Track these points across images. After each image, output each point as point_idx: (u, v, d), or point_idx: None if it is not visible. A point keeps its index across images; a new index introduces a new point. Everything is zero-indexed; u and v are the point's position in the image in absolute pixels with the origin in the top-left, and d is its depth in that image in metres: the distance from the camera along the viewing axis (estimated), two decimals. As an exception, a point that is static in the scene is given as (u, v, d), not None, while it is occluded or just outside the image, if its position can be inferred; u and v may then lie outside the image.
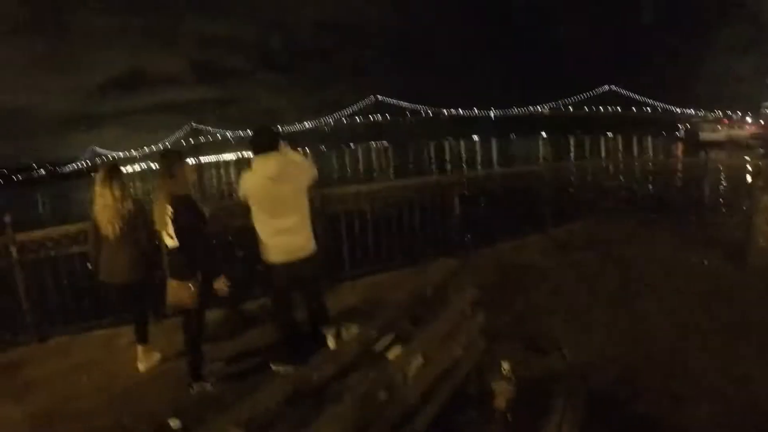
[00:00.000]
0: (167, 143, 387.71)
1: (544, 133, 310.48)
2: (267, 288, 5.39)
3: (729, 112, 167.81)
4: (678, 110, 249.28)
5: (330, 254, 7.45)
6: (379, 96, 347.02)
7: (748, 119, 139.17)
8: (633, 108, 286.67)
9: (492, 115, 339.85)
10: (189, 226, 4.56)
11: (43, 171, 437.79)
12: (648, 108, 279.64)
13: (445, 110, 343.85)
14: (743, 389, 4.15)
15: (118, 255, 5.14)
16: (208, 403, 4.55)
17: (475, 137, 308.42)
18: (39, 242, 6.34)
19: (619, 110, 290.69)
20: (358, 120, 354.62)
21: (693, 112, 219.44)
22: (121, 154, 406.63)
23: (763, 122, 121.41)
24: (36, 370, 5.60)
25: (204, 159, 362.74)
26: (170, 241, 4.63)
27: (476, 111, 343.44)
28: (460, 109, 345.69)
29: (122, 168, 5.52)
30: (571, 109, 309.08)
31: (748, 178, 10.70)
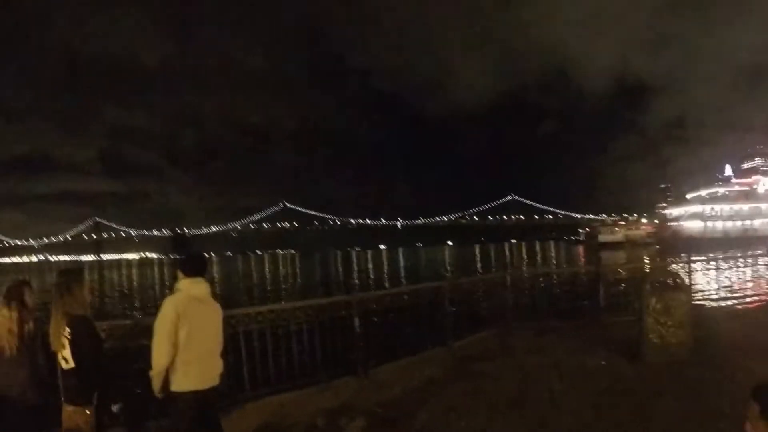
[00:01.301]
0: (68, 236, 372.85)
1: (449, 242, 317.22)
2: (170, 412, 4.87)
3: (626, 215, 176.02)
4: (578, 215, 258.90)
5: (230, 375, 7.12)
6: (287, 203, 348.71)
7: (644, 220, 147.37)
8: (535, 215, 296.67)
9: (398, 224, 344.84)
10: (87, 348, 4.39)
11: None
12: (549, 215, 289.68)
13: (352, 219, 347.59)
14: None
15: (13, 372, 4.82)
16: None
17: (382, 246, 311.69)
18: None
19: (522, 218, 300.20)
20: (266, 226, 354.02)
21: (592, 216, 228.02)
22: (18, 242, 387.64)
23: (657, 222, 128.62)
24: None
25: (106, 257, 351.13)
26: (65, 363, 4.43)
27: (383, 221, 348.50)
28: (367, 219, 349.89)
29: (28, 285, 5.15)
30: (476, 218, 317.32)
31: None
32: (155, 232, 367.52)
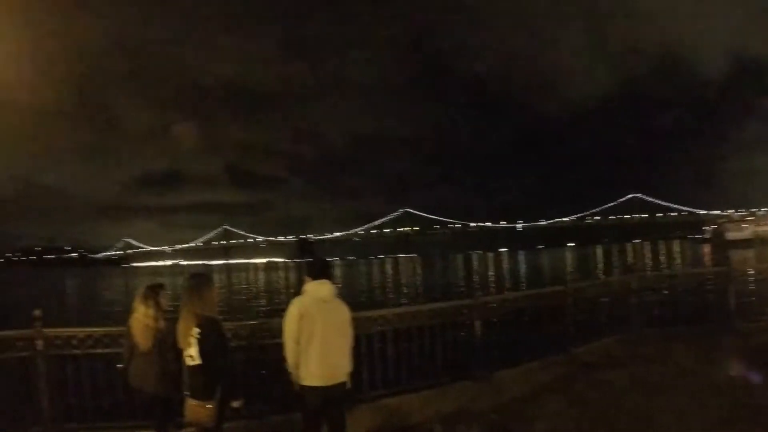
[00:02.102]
0: (199, 242, 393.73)
1: (570, 244, 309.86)
2: (297, 406, 5.35)
3: (754, 210, 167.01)
4: (702, 212, 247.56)
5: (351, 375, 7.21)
6: (408, 208, 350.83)
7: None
8: (658, 213, 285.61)
9: (519, 227, 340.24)
10: (213, 347, 4.63)
11: (75, 254, 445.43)
12: (673, 212, 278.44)
13: (472, 223, 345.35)
14: None
15: (147, 367, 5.27)
16: None
17: (503, 249, 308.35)
18: (65, 339, 6.45)
19: (645, 216, 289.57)
20: (388, 231, 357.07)
21: (718, 212, 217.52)
22: (153, 247, 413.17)
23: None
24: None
25: (234, 261, 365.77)
26: (190, 360, 4.71)
27: (503, 223, 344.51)
28: (487, 222, 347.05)
29: (162, 287, 5.66)
30: (597, 218, 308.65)
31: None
32: (281, 238, 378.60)
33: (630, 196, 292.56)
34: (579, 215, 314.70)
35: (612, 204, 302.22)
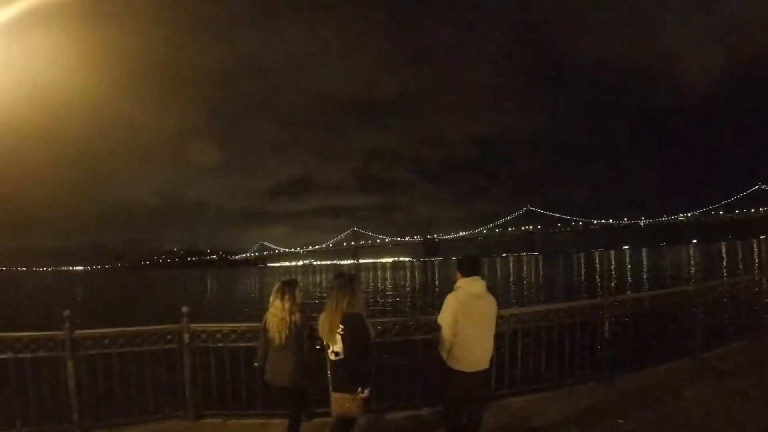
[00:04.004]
0: (330, 243, 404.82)
1: (694, 240, 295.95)
2: (444, 395, 5.53)
3: None
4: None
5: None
6: (531, 207, 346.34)
7: None
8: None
9: (642, 223, 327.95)
10: (358, 344, 4.74)
11: (215, 257, 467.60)
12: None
13: (595, 220, 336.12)
14: None
15: (283, 361, 5.43)
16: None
17: (625, 247, 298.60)
18: (210, 333, 6.98)
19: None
20: (511, 230, 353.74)
21: None
22: (287, 249, 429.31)
23: None
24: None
25: (363, 261, 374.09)
26: (334, 356, 4.85)
27: (626, 220, 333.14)
28: (610, 219, 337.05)
29: (297, 284, 5.83)
30: (722, 213, 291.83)
31: None
32: (407, 238, 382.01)
33: (756, 187, 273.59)
34: (702, 210, 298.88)
35: (736, 197, 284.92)
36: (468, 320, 5.12)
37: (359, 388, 4.67)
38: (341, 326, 4.77)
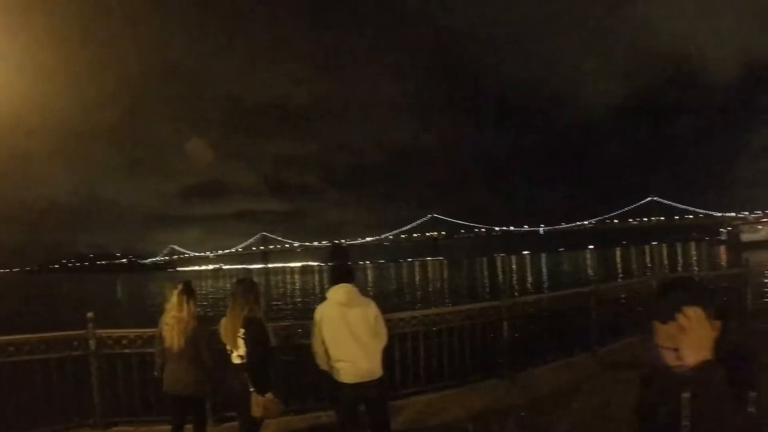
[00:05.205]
0: (239, 248, 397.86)
1: (591, 246, 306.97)
2: (333, 403, 5.49)
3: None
4: (718, 214, 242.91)
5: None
6: (436, 214, 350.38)
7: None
8: (675, 216, 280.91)
9: (541, 230, 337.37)
10: (260, 348, 4.76)
11: (125, 261, 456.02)
12: (690, 215, 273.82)
13: (496, 227, 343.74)
14: None
15: (180, 368, 5.19)
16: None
17: (525, 252, 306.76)
18: (116, 339, 6.72)
19: (663, 219, 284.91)
20: (416, 236, 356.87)
21: (734, 214, 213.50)
22: (196, 253, 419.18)
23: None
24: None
25: (272, 265, 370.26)
26: (238, 359, 4.82)
27: (526, 227, 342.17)
28: (511, 227, 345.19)
29: (193, 285, 5.62)
30: (616, 221, 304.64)
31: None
32: (315, 243, 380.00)
33: (648, 199, 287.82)
34: (599, 218, 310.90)
35: (631, 207, 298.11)
36: (336, 330, 4.81)
37: (264, 392, 4.68)
38: (242, 330, 4.77)
